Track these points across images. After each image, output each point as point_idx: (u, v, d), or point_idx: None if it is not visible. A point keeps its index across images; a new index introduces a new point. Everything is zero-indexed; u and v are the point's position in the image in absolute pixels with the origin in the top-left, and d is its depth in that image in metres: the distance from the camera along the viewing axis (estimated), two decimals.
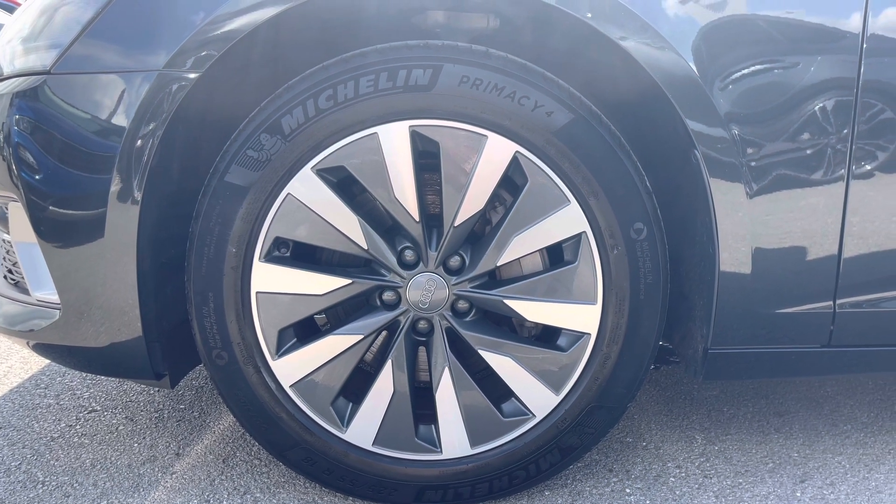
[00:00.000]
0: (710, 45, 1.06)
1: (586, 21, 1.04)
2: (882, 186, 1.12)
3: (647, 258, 1.13)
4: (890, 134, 1.09)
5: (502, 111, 1.07)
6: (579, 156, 1.09)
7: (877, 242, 1.15)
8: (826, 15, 1.06)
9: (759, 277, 1.13)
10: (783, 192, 1.10)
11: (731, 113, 1.07)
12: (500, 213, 1.17)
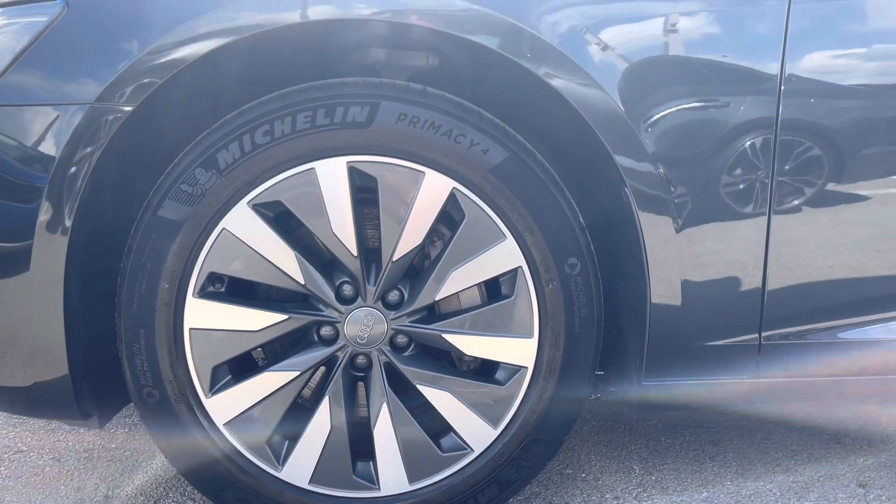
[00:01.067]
0: (635, 85, 1.10)
1: (519, 62, 1.07)
2: (802, 221, 1.17)
3: (581, 292, 1.15)
4: (808, 170, 1.14)
5: (439, 148, 1.09)
6: (515, 192, 1.11)
7: (799, 275, 1.19)
8: (746, 58, 1.11)
9: (688, 310, 1.16)
10: (709, 227, 1.14)
11: (658, 150, 1.10)
12: (438, 247, 1.19)
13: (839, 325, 1.24)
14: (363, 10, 1.08)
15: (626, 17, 1.10)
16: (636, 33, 1.10)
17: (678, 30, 1.10)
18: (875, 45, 1.13)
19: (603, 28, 1.09)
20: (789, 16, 1.09)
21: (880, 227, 1.20)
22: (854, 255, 1.20)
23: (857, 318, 1.24)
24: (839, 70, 1.12)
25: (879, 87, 1.14)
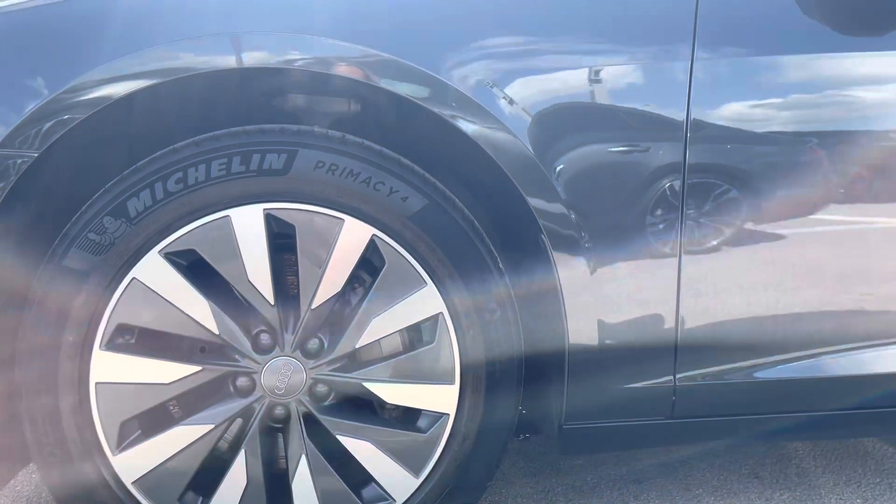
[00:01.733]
0: (546, 132, 1.12)
1: (435, 110, 1.09)
2: (715, 261, 1.20)
3: (501, 337, 1.16)
4: (716, 213, 1.18)
5: (358, 196, 1.09)
6: (434, 239, 1.12)
7: (714, 315, 1.23)
8: (653, 107, 1.15)
9: (605, 352, 1.18)
10: (621, 268, 1.16)
11: (570, 193, 1.12)
12: (359, 294, 1.18)
13: (756, 365, 1.27)
14: (283, 58, 1.08)
15: (537, 68, 1.13)
16: (546, 83, 1.13)
17: (587, 80, 1.13)
18: (772, 98, 1.18)
19: (514, 77, 1.11)
20: (692, 70, 1.14)
21: (796, 265, 1.24)
22: (770, 294, 1.24)
23: (774, 357, 1.28)
24: (743, 118, 1.17)
25: (783, 135, 1.19)
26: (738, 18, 1.17)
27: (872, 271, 1.26)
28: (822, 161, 1.20)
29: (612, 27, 1.16)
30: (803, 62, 1.18)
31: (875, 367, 1.30)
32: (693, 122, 1.14)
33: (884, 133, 1.21)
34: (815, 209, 1.20)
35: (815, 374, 1.28)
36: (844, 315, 1.28)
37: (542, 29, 1.14)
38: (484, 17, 1.13)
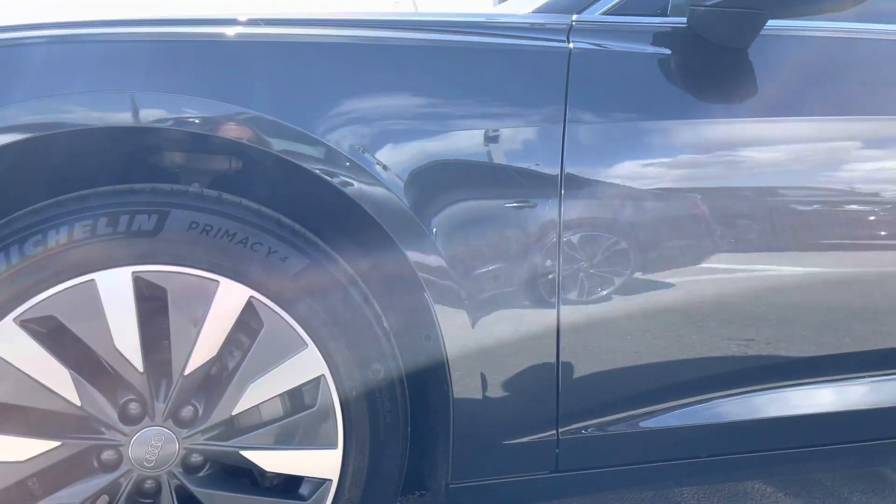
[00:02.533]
0: (422, 188, 1.13)
1: (312, 169, 1.08)
2: (590, 313, 1.23)
3: (386, 398, 1.15)
4: (592, 265, 1.21)
5: (235, 257, 1.06)
6: (315, 300, 1.10)
7: (591, 368, 1.26)
8: (529, 165, 1.19)
9: (489, 407, 1.19)
10: (502, 322, 1.18)
11: (449, 248, 1.14)
12: (236, 358, 1.14)
13: (641, 414, 1.31)
14: (159, 116, 1.06)
15: (413, 127, 1.15)
16: (422, 142, 1.15)
17: (464, 140, 1.16)
18: (639, 159, 1.24)
19: (392, 137, 1.13)
20: (565, 132, 1.19)
21: (677, 312, 1.29)
22: (652, 342, 1.28)
23: (658, 406, 1.31)
24: (613, 176, 1.22)
25: (652, 192, 1.24)
26: (607, 86, 1.24)
27: (756, 316, 1.32)
28: (691, 214, 1.26)
29: (490, 91, 1.20)
30: (666, 126, 1.25)
31: (761, 411, 1.36)
32: (567, 178, 1.18)
33: (745, 189, 1.29)
34: (689, 259, 1.26)
35: (701, 421, 1.32)
36: (729, 361, 1.33)
37: (418, 89, 1.17)
38: (363, 76, 1.15)
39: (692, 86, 1.29)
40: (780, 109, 1.30)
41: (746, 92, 1.31)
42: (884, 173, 1.36)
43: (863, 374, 1.41)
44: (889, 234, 1.36)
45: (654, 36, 1.30)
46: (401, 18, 1.25)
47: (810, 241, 1.32)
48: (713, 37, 1.27)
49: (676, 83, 1.29)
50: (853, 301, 1.37)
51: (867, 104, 1.36)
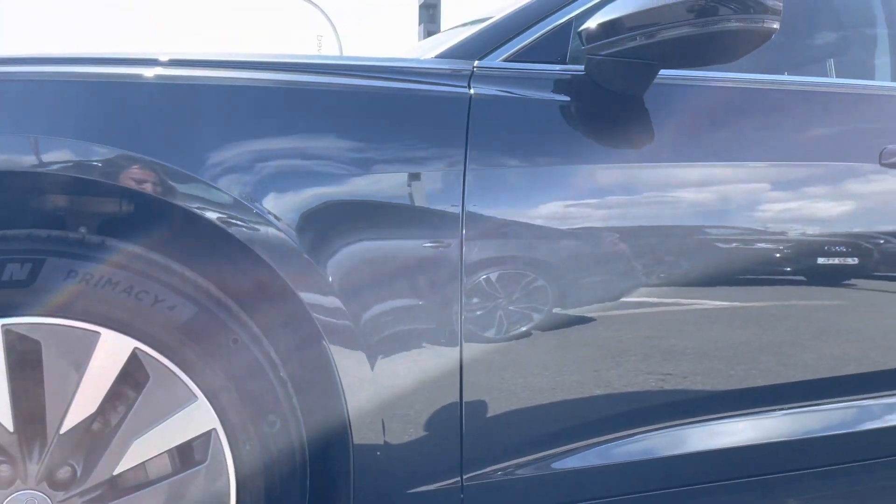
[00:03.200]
0: (319, 229, 1.11)
1: (201, 214, 1.05)
2: (494, 353, 1.23)
3: (282, 450, 1.10)
4: (495, 304, 1.21)
5: (118, 306, 1.01)
6: (206, 349, 1.05)
7: (496, 410, 1.24)
8: (430, 206, 1.18)
9: (390, 455, 1.16)
10: (403, 364, 1.15)
11: (347, 290, 1.11)
12: (120, 413, 1.07)
13: (552, 455, 1.29)
14: (41, 160, 1.00)
15: (309, 171, 1.13)
16: (318, 183, 1.13)
17: (361, 181, 1.15)
18: (538, 200, 1.25)
19: (285, 180, 1.10)
20: (466, 175, 1.19)
21: (587, 347, 1.30)
22: (560, 380, 1.28)
23: (572, 445, 1.30)
24: (516, 217, 1.23)
25: (556, 231, 1.25)
26: (507, 130, 1.26)
27: (675, 350, 1.34)
28: (591, 252, 1.27)
29: (391, 135, 1.20)
30: (565, 170, 1.27)
31: (678, 447, 1.37)
32: (468, 219, 1.18)
33: (642, 229, 1.32)
34: (598, 295, 1.28)
35: (616, 460, 1.32)
36: (646, 396, 1.34)
37: (315, 132, 1.15)
38: (257, 118, 1.12)
39: (590, 131, 1.32)
40: (673, 154, 1.35)
41: (641, 137, 1.35)
42: (771, 214, 1.42)
43: (771, 407, 1.45)
44: (788, 269, 1.42)
45: (553, 83, 1.33)
46: (299, 61, 1.23)
47: (715, 276, 1.35)
48: (609, 85, 1.32)
49: (575, 129, 1.32)
50: (761, 335, 1.41)
51: (756, 150, 1.43)
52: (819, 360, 1.46)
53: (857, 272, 1.47)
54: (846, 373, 1.48)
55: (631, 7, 1.25)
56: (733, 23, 1.21)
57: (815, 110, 1.51)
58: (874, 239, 1.48)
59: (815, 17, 1.89)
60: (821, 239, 1.44)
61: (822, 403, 1.48)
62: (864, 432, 1.51)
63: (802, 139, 1.47)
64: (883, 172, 1.46)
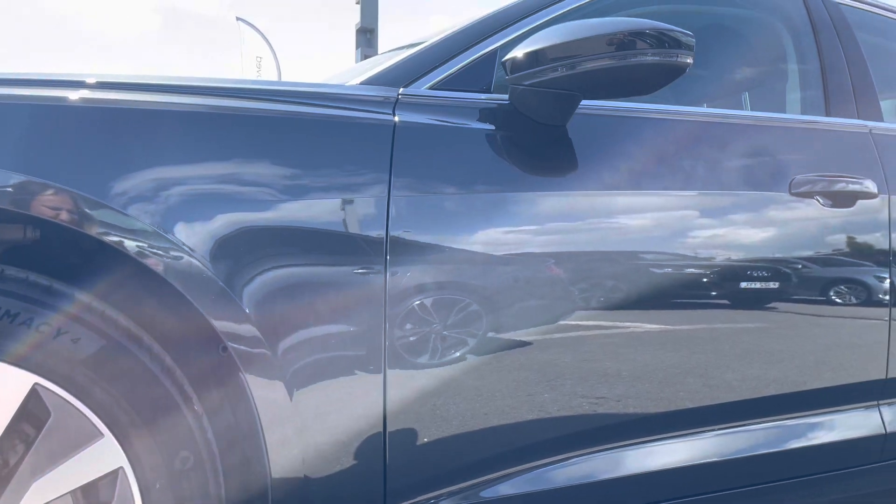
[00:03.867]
0: (235, 256, 1.08)
1: (110, 242, 1.01)
2: (420, 379, 1.21)
3: (195, 488, 1.06)
4: (421, 329, 1.20)
5: (16, 340, 0.95)
6: (113, 384, 1.00)
7: (423, 439, 1.22)
8: (350, 230, 1.16)
9: (310, 489, 1.13)
10: (324, 394, 1.12)
11: (265, 317, 1.08)
12: (18, 453, 1.01)
13: (482, 483, 1.27)
14: None
15: (226, 196, 1.10)
16: (235, 209, 1.10)
17: (281, 207, 1.12)
18: (462, 229, 1.25)
19: (199, 206, 1.07)
20: (390, 202, 1.18)
21: (533, 370, 1.29)
22: (506, 402, 1.27)
23: (502, 472, 1.29)
24: (440, 243, 1.23)
25: (482, 256, 1.26)
26: (432, 158, 1.26)
27: (610, 374, 1.35)
28: (514, 277, 1.28)
29: (314, 161, 1.18)
30: (490, 198, 1.28)
31: (611, 470, 1.38)
32: (392, 246, 1.17)
33: (570, 254, 1.33)
34: (523, 320, 1.28)
35: (546, 486, 1.32)
36: (580, 420, 1.35)
37: (232, 157, 1.13)
38: (172, 142, 1.09)
39: (514, 159, 1.34)
40: (596, 183, 1.38)
41: (564, 166, 1.38)
42: (692, 241, 1.46)
43: (701, 428, 1.48)
44: (712, 293, 1.47)
45: (478, 111, 1.34)
46: (219, 85, 1.20)
47: (642, 300, 1.38)
48: (532, 114, 1.34)
49: (499, 157, 1.33)
50: (689, 357, 1.45)
51: (675, 179, 1.47)
52: (742, 381, 1.50)
53: (775, 296, 1.53)
54: (767, 393, 1.53)
55: (553, 39, 1.27)
56: (650, 56, 1.25)
57: (731, 141, 1.57)
58: (788, 264, 1.54)
59: (733, 53, 1.98)
60: (739, 264, 1.49)
61: (748, 424, 1.52)
62: (788, 451, 1.55)
63: (719, 169, 1.53)
64: (793, 201, 1.52)
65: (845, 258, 1.61)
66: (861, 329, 1.63)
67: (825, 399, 1.60)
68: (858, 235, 1.60)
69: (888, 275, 1.61)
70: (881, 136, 1.71)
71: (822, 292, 1.58)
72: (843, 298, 1.60)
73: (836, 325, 1.61)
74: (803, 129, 1.70)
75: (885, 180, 1.63)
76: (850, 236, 1.60)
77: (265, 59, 8.86)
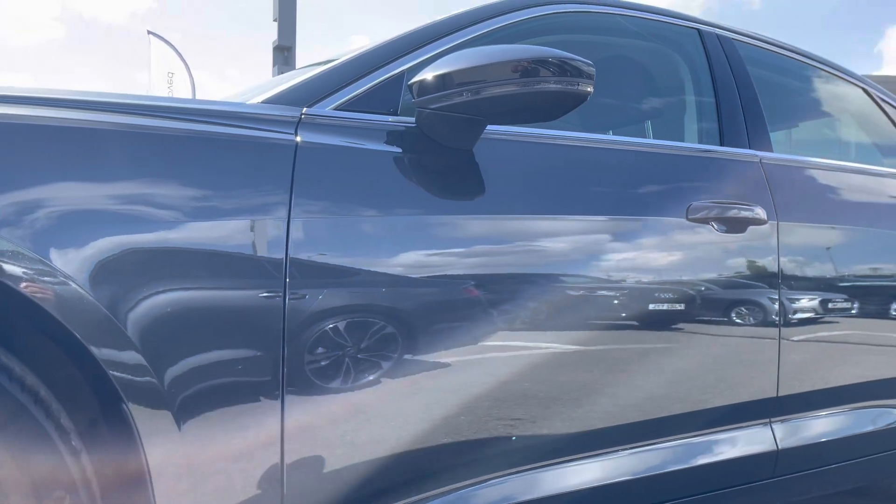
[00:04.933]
0: (117, 278, 1.02)
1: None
2: (321, 413, 1.17)
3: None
4: (322, 365, 1.16)
5: None
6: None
7: (326, 470, 1.18)
8: (247, 252, 1.12)
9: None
10: (216, 423, 1.07)
11: (151, 344, 1.02)
12: None
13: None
14: None
15: (108, 213, 1.04)
16: (119, 227, 1.04)
17: (174, 228, 1.07)
18: (365, 252, 1.23)
19: (83, 225, 1.01)
20: (290, 224, 1.15)
21: (451, 393, 1.28)
22: (420, 426, 1.25)
23: (414, 497, 1.26)
24: (343, 265, 1.20)
25: (387, 278, 1.24)
26: (335, 180, 1.24)
27: (528, 395, 1.35)
28: (421, 301, 1.27)
29: (210, 180, 1.13)
30: (395, 221, 1.27)
31: (529, 492, 1.37)
32: (292, 268, 1.14)
33: (483, 276, 1.33)
34: (429, 343, 1.26)
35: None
36: (496, 442, 1.34)
37: (121, 176, 1.07)
38: (53, 160, 1.02)
39: (420, 182, 1.33)
40: (502, 207, 1.38)
41: (470, 190, 1.38)
42: (597, 264, 1.48)
43: (614, 447, 1.50)
44: (621, 315, 1.49)
45: (384, 134, 1.33)
46: (113, 100, 1.14)
47: (548, 321, 1.39)
48: (439, 137, 1.33)
49: (406, 180, 1.32)
50: (600, 378, 1.47)
51: (580, 204, 1.50)
52: (649, 401, 1.53)
53: (678, 317, 1.57)
54: (673, 412, 1.57)
55: (460, 63, 1.28)
56: (552, 84, 1.28)
57: (634, 168, 1.62)
58: (690, 287, 1.59)
59: (635, 84, 2.05)
60: (644, 287, 1.53)
61: (656, 442, 1.56)
62: (694, 468, 1.60)
63: (622, 194, 1.57)
64: (690, 227, 1.58)
65: (740, 281, 1.68)
66: (755, 349, 1.70)
67: (725, 416, 1.66)
68: (750, 260, 1.68)
69: (778, 296, 1.69)
70: (770, 166, 1.81)
71: (720, 313, 1.64)
72: (741, 319, 1.67)
73: (733, 344, 1.67)
74: (699, 157, 1.78)
75: (774, 207, 1.72)
76: (743, 260, 1.67)
77: (177, 75, 8.58)
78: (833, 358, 1.85)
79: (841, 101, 2.52)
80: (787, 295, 1.71)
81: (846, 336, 1.86)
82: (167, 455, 1.04)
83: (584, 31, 1.88)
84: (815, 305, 1.79)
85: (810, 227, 1.81)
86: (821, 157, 2.05)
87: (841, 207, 1.96)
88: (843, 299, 1.85)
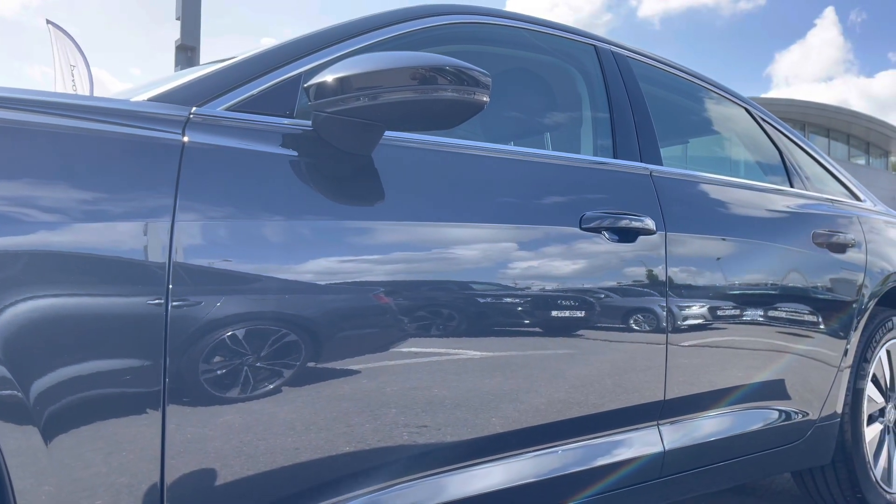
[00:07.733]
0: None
1: None
2: (209, 423, 1.13)
3: None
4: (210, 375, 1.12)
5: None
6: None
7: (219, 483, 1.14)
8: (127, 254, 1.07)
9: None
10: (86, 439, 1.02)
11: (16, 355, 0.96)
12: None
13: None
14: None
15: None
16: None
17: (38, 226, 1.01)
18: (254, 257, 1.19)
19: None
20: (174, 226, 1.11)
21: (357, 400, 1.26)
22: (322, 434, 1.22)
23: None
24: (231, 270, 1.16)
25: (278, 284, 1.20)
26: (225, 183, 1.19)
27: (435, 401, 1.34)
28: (325, 309, 1.25)
29: (89, 180, 1.07)
30: (287, 225, 1.24)
31: (435, 496, 1.36)
32: (176, 272, 1.09)
33: (388, 283, 1.31)
34: (330, 351, 1.24)
35: None
36: (402, 448, 1.33)
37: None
38: None
39: (315, 187, 1.30)
40: (399, 213, 1.37)
41: (367, 195, 1.37)
42: (497, 272, 1.50)
43: (517, 450, 1.52)
44: (524, 322, 1.51)
45: (279, 136, 1.30)
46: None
47: (458, 328, 1.40)
48: (335, 142, 1.32)
49: (301, 183, 1.29)
50: (503, 383, 1.48)
51: (478, 211, 1.51)
52: (549, 405, 1.56)
53: (575, 324, 1.61)
54: (572, 416, 1.60)
55: (357, 68, 1.27)
56: (449, 92, 1.28)
57: (531, 178, 1.65)
58: (586, 294, 1.63)
59: (535, 96, 2.10)
60: (542, 294, 1.55)
61: (556, 445, 1.58)
62: (592, 469, 1.64)
63: (520, 203, 1.59)
64: (584, 235, 1.62)
65: (632, 289, 1.74)
66: (646, 354, 1.76)
67: (620, 420, 1.71)
68: (640, 268, 1.74)
69: (666, 304, 1.76)
70: (660, 178, 1.89)
71: (615, 320, 1.69)
72: (635, 326, 1.72)
73: (627, 350, 1.73)
74: (594, 169, 1.84)
75: (662, 218, 1.79)
76: (634, 269, 1.73)
77: (77, 69, 8.12)
78: (717, 362, 1.94)
79: (727, 120, 2.66)
80: (675, 302, 1.79)
81: (729, 341, 1.96)
82: (33, 475, 0.96)
83: (484, 42, 1.91)
84: (700, 312, 1.88)
85: (696, 237, 1.90)
86: (709, 173, 2.16)
87: (725, 220, 2.07)
88: (726, 306, 1.94)
